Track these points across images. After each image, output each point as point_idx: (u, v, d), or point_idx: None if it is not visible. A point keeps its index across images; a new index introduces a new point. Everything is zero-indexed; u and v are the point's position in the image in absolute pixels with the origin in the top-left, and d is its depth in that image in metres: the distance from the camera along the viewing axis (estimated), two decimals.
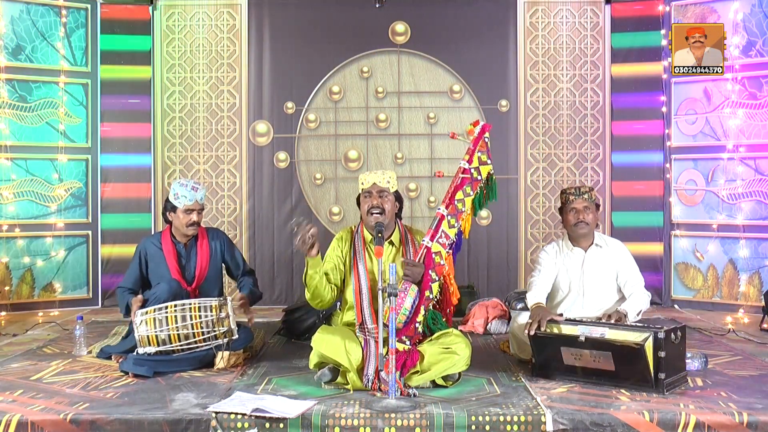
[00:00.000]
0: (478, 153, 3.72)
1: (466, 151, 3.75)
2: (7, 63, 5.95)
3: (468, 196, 3.69)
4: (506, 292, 5.84)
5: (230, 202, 6.47)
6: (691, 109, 6.18)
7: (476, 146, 3.73)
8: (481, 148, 3.74)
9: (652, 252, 6.28)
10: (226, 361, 3.87)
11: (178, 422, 3.02)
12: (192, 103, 6.45)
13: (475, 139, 3.74)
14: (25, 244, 6.03)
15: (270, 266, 6.43)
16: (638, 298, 3.87)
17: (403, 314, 3.45)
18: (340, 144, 6.49)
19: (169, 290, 4.02)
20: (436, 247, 3.61)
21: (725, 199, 6.01)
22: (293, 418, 3.02)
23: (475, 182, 3.71)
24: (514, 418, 3.02)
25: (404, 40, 6.48)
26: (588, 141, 6.44)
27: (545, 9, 6.45)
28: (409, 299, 3.46)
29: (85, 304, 6.25)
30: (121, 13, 6.37)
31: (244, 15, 6.46)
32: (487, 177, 3.74)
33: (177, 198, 4.16)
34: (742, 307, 5.83)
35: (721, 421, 3.01)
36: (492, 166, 3.75)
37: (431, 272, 3.57)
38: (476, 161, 3.72)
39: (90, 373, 3.82)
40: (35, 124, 6.09)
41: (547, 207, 6.44)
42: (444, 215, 3.65)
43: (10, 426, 3.00)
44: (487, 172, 3.73)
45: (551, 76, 6.45)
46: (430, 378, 3.46)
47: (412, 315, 3.48)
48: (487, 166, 3.73)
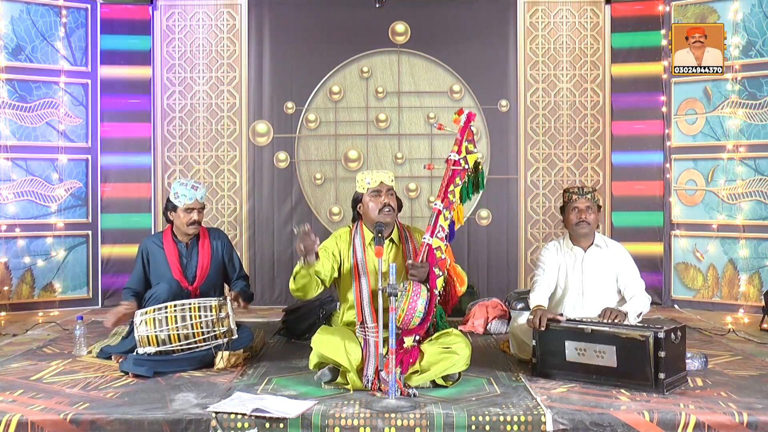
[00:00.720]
0: (466, 142, 3.70)
1: (455, 142, 3.72)
2: (7, 63, 5.95)
3: (458, 187, 3.68)
4: (506, 292, 5.84)
5: (230, 202, 6.47)
6: (691, 109, 6.18)
7: (463, 136, 3.71)
8: (468, 137, 3.71)
9: (652, 252, 6.29)
10: (226, 361, 3.87)
11: (178, 422, 3.02)
12: (192, 103, 6.45)
13: (462, 128, 3.72)
14: (25, 244, 6.03)
15: (270, 266, 6.43)
16: (639, 300, 3.87)
17: (418, 317, 3.42)
18: (340, 144, 6.50)
19: (169, 290, 4.03)
20: (436, 242, 3.61)
21: (725, 199, 6.01)
22: (293, 418, 3.02)
23: (463, 172, 3.69)
24: (514, 418, 3.02)
25: (404, 40, 6.48)
26: (588, 141, 6.44)
27: (545, 9, 6.46)
28: (421, 301, 3.43)
29: (85, 304, 6.25)
30: (121, 13, 6.37)
31: (244, 15, 6.46)
32: (474, 165, 3.71)
33: (177, 197, 4.17)
34: (742, 307, 5.83)
35: (721, 421, 3.01)
36: (479, 155, 3.73)
37: (435, 268, 3.57)
38: (464, 151, 3.69)
39: (90, 373, 3.82)
40: (35, 124, 6.09)
41: (547, 207, 6.44)
42: (440, 210, 3.65)
43: (10, 426, 3.00)
44: (474, 161, 3.71)
45: (551, 76, 6.45)
46: (430, 378, 3.46)
47: (426, 315, 3.47)
48: (473, 155, 3.70)
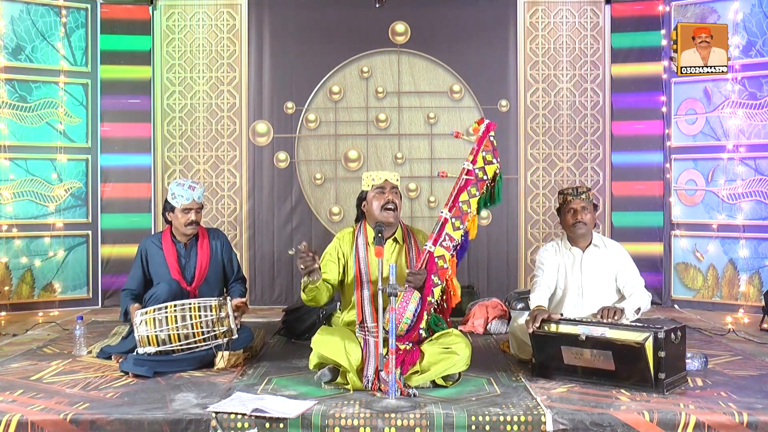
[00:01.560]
0: (483, 153, 3.66)
1: (470, 152, 3.69)
2: (7, 63, 5.95)
3: (473, 197, 3.64)
4: (506, 292, 5.84)
5: (230, 202, 6.47)
6: (691, 109, 6.18)
7: (480, 146, 3.67)
8: (486, 148, 3.67)
9: (652, 252, 6.29)
10: (226, 361, 3.87)
11: (178, 422, 3.02)
12: (192, 103, 6.45)
13: (480, 138, 3.69)
14: (24, 244, 6.03)
15: (270, 266, 6.43)
16: (638, 297, 3.87)
17: (405, 323, 3.42)
18: (340, 144, 6.49)
19: (169, 290, 4.03)
20: (440, 251, 3.59)
21: (725, 199, 6.01)
22: (293, 418, 3.02)
23: (480, 182, 3.65)
24: (514, 418, 3.02)
25: (404, 40, 6.48)
26: (588, 141, 6.44)
27: (545, 9, 6.46)
28: (411, 306, 3.43)
29: (85, 304, 6.25)
30: (121, 13, 6.37)
31: (244, 15, 6.46)
32: (493, 177, 3.68)
33: (174, 198, 4.17)
34: (742, 307, 5.83)
35: (721, 421, 3.01)
36: (498, 166, 3.69)
37: (434, 277, 3.56)
38: (480, 161, 3.66)
39: (90, 373, 3.82)
40: (35, 124, 6.09)
41: (547, 207, 6.44)
42: (447, 218, 3.63)
43: (10, 426, 3.00)
44: (493, 172, 3.67)
45: (551, 76, 6.45)
46: (430, 378, 3.46)
47: (415, 322, 3.46)
48: (492, 166, 3.66)
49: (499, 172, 3.71)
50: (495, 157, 3.68)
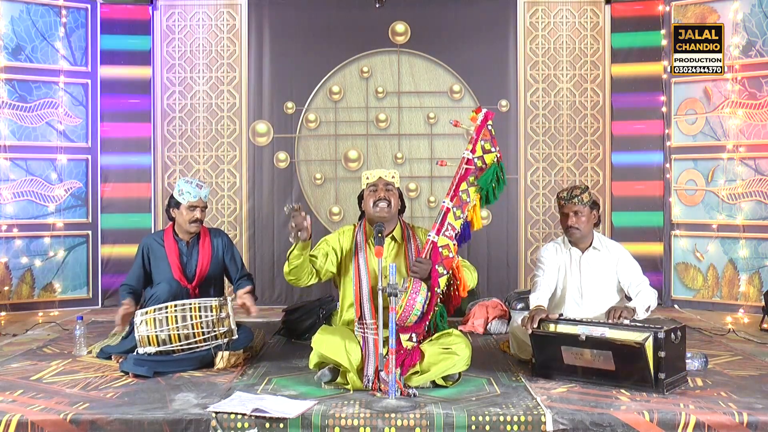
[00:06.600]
0: (481, 141, 3.65)
1: (469, 141, 3.69)
2: (7, 63, 5.95)
3: (472, 186, 3.64)
4: (506, 292, 5.84)
5: (230, 202, 6.47)
6: (691, 109, 6.18)
7: (479, 135, 3.67)
8: (485, 137, 3.66)
9: (652, 252, 6.29)
10: (226, 361, 3.87)
11: (178, 422, 3.02)
12: (192, 103, 6.45)
13: (478, 127, 3.68)
14: (24, 244, 6.03)
15: (270, 266, 6.43)
16: (646, 295, 3.83)
17: (415, 314, 3.43)
18: (340, 144, 6.49)
19: (169, 290, 4.04)
20: (443, 241, 3.59)
21: (725, 199, 6.01)
22: (293, 418, 3.02)
23: (479, 171, 3.66)
24: (514, 418, 3.02)
25: (404, 40, 6.48)
26: (588, 141, 6.44)
27: (545, 9, 6.46)
28: (420, 298, 3.44)
29: (85, 304, 6.25)
30: (121, 13, 6.37)
31: (244, 15, 6.46)
32: (492, 164, 3.66)
33: (181, 194, 4.18)
34: (742, 307, 5.83)
35: (721, 421, 3.01)
36: (498, 154, 3.67)
37: (438, 267, 3.56)
38: (479, 150, 3.65)
39: (90, 373, 3.82)
40: (35, 124, 6.09)
41: (547, 207, 6.44)
42: (449, 208, 3.63)
43: (10, 426, 3.00)
44: (492, 160, 3.65)
45: (551, 76, 6.45)
46: (430, 378, 3.46)
47: (424, 313, 3.47)
48: (491, 154, 3.65)
49: (498, 160, 3.70)
50: (494, 146, 3.68)
